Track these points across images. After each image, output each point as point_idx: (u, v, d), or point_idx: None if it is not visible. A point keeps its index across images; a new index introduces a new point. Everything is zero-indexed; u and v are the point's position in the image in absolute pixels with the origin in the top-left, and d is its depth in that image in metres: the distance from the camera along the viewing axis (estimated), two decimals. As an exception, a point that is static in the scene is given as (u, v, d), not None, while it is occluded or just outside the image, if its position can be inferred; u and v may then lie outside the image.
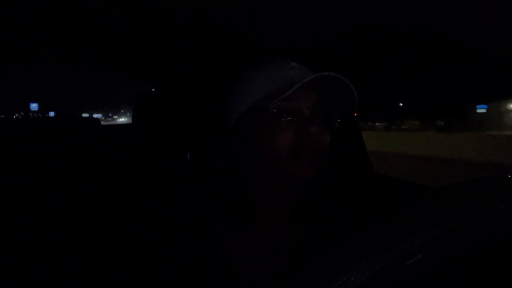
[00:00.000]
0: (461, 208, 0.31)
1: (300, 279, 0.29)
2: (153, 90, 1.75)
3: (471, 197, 0.34)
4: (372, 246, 0.29)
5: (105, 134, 1.38)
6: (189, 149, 1.09)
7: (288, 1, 0.89)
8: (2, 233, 0.99)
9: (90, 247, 1.01)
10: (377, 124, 38.98)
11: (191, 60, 1.37)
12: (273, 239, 0.67)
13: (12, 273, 0.95)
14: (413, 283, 0.28)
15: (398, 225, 0.31)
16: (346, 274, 0.27)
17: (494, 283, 0.34)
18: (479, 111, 25.80)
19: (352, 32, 0.99)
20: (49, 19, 1.09)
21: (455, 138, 13.73)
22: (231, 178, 0.68)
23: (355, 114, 1.45)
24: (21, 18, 1.08)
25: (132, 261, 0.64)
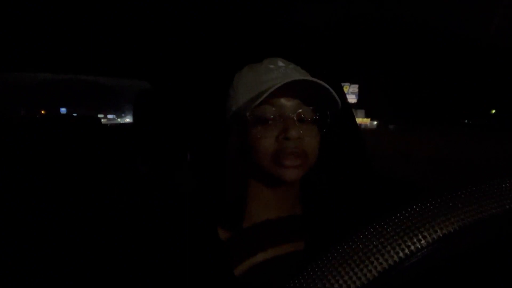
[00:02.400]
0: (462, 208, 0.30)
1: (300, 280, 0.28)
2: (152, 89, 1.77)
3: (472, 198, 0.33)
4: (374, 246, 0.28)
5: (106, 132, 1.39)
6: (189, 149, 1.09)
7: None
8: (2, 233, 1.01)
9: (90, 247, 1.02)
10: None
11: (191, 60, 1.37)
12: (272, 239, 0.66)
13: (12, 273, 0.97)
14: (414, 283, 0.28)
15: (399, 225, 0.31)
16: (347, 274, 0.27)
17: (494, 283, 0.33)
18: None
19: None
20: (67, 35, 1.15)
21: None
22: (230, 178, 0.68)
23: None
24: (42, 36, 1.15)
25: (131, 262, 0.64)
